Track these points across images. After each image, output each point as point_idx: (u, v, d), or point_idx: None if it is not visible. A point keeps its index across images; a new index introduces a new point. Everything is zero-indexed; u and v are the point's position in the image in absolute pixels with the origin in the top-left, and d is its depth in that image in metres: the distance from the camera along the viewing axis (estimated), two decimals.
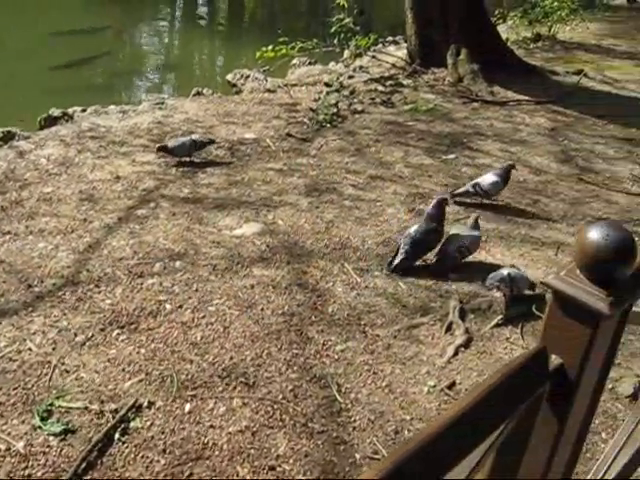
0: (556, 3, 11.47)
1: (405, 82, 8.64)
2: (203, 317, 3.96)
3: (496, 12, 11.73)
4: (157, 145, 6.10)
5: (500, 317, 4.13)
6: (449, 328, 4.00)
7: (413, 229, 4.60)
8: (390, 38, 11.93)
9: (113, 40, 13.31)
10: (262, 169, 6.04)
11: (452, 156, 6.57)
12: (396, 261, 4.52)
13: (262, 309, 4.05)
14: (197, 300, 4.11)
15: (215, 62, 13.80)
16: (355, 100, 7.94)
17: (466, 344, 3.88)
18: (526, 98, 8.32)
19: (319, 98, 7.79)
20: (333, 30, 8.77)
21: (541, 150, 6.89)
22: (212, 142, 6.28)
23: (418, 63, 9.06)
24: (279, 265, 4.50)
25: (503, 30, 11.69)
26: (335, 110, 7.49)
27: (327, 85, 7.86)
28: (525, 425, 1.37)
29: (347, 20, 8.64)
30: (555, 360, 1.36)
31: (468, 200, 5.58)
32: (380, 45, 10.99)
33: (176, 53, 14.30)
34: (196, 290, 4.20)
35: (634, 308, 1.58)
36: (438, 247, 4.66)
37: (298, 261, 4.57)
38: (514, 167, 5.58)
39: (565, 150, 6.95)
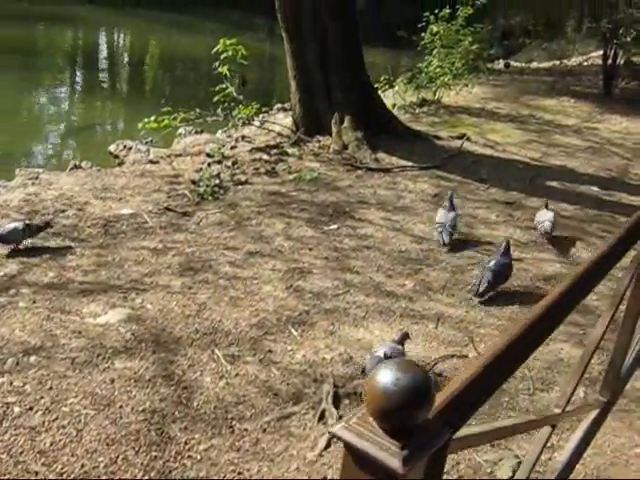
0: (439, 69, 11.76)
1: (290, 151, 8.58)
2: (55, 420, 3.64)
3: (382, 78, 11.92)
4: None
5: None
6: (322, 417, 3.81)
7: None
8: (279, 105, 11.95)
9: None
10: (136, 247, 5.78)
11: (334, 227, 6.49)
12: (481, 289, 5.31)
13: (121, 407, 3.76)
14: (50, 400, 3.78)
15: (104, 132, 13.47)
16: (238, 170, 7.80)
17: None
18: (410, 164, 8.39)
19: (202, 169, 7.62)
20: (216, 99, 8.66)
21: (424, 217, 6.89)
22: (48, 225, 5.83)
23: (303, 131, 9.04)
24: (144, 355, 4.23)
25: (390, 96, 11.91)
26: (217, 182, 7.33)
27: (209, 156, 7.70)
28: None
29: (229, 89, 8.55)
30: None
31: None
32: (268, 113, 10.97)
33: (62, 122, 13.89)
34: (50, 388, 3.88)
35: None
36: None
37: (165, 350, 4.30)
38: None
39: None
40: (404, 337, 4.33)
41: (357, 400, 3.97)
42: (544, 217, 6.66)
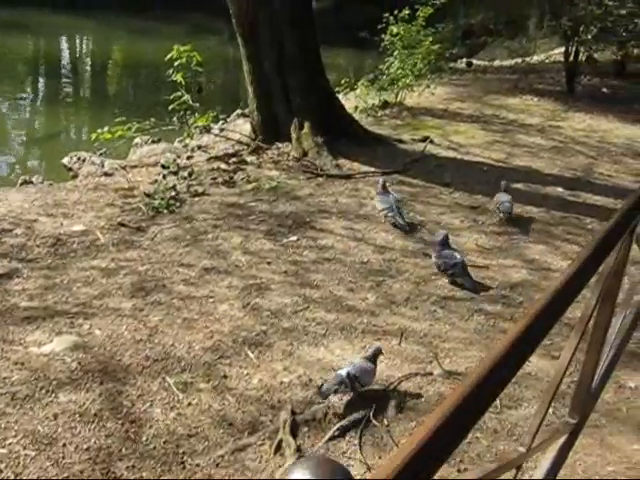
0: (400, 71, 11.62)
1: (249, 159, 8.38)
2: None
3: (343, 81, 11.76)
4: None
5: (336, 428, 3.77)
6: (279, 447, 3.61)
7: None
8: (239, 111, 11.72)
9: None
10: (86, 267, 5.53)
11: (294, 238, 6.29)
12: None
13: (64, 445, 3.53)
14: None
15: (60, 143, 13.12)
16: (195, 181, 7.57)
17: None
18: (372, 169, 8.22)
19: (157, 181, 7.38)
20: (171, 108, 8.42)
21: (386, 225, 6.72)
22: None
23: (262, 139, 8.84)
24: (90, 387, 3.99)
25: (351, 99, 11.75)
26: (173, 194, 7.10)
27: (164, 167, 7.47)
28: None
29: (185, 97, 8.31)
30: None
31: None
32: (226, 120, 10.75)
33: (17, 134, 13.53)
34: None
35: None
36: None
37: (112, 380, 4.07)
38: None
39: (409, 223, 6.80)
40: (376, 353, 4.16)
41: (316, 427, 3.78)
42: (503, 198, 7.02)
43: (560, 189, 8.23)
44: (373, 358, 4.12)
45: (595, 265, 2.44)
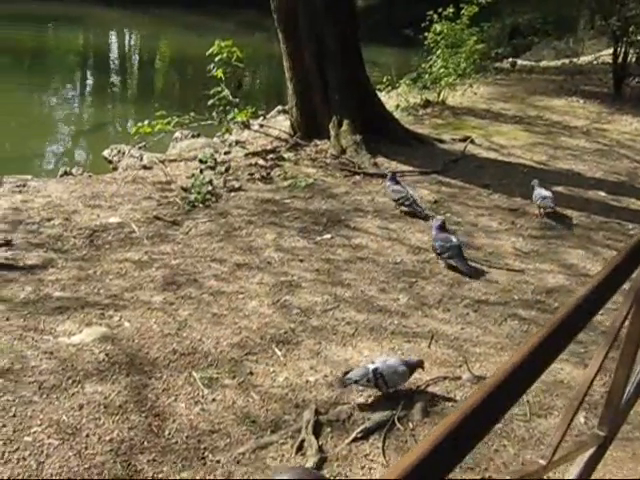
0: (443, 69, 11.49)
1: (286, 155, 8.35)
2: (16, 450, 3.43)
3: (384, 79, 11.67)
4: None
5: (359, 430, 3.72)
6: (300, 447, 3.57)
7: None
8: (280, 107, 11.71)
9: None
10: (119, 260, 5.56)
11: (328, 236, 6.26)
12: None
13: (87, 436, 3.54)
14: (13, 428, 3.56)
15: (103, 135, 13.26)
16: (232, 177, 7.59)
17: (318, 466, 3.45)
18: (410, 169, 8.14)
19: (194, 175, 7.40)
20: (210, 103, 8.43)
21: (422, 225, 6.65)
22: (8, 244, 5.52)
23: (300, 135, 8.82)
24: (116, 379, 4.01)
25: (393, 97, 11.67)
26: (209, 188, 7.12)
27: (201, 162, 7.48)
28: None
29: (224, 93, 8.32)
30: None
31: None
32: (265, 117, 10.75)
33: (63, 125, 13.72)
34: (14, 415, 3.66)
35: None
36: None
37: (139, 372, 4.08)
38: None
39: (447, 224, 6.70)
40: (418, 364, 4.10)
41: (339, 428, 3.74)
42: (545, 193, 7.06)
43: (602, 193, 8.05)
44: (411, 365, 4.06)
45: (628, 271, 2.36)
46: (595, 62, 14.94)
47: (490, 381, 1.48)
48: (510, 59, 16.66)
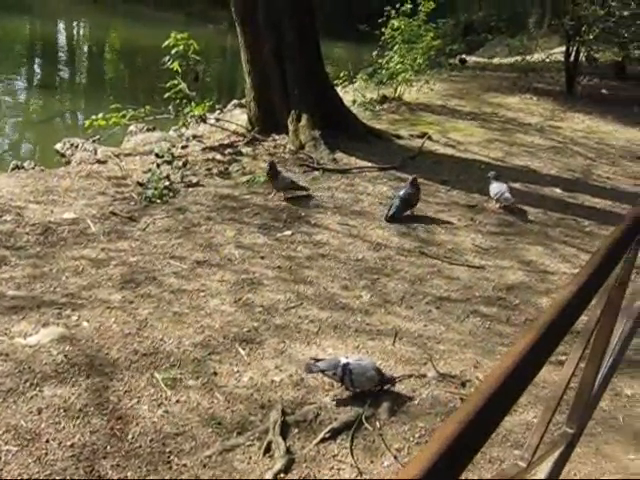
0: (400, 65, 11.51)
1: (244, 150, 8.27)
2: None
3: (341, 74, 11.64)
4: None
5: (327, 430, 3.68)
6: (268, 449, 3.52)
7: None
8: (236, 101, 11.61)
9: None
10: (75, 257, 5.42)
11: (288, 233, 6.20)
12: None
13: (47, 441, 3.43)
14: None
15: (55, 128, 12.94)
16: (189, 172, 7.48)
17: (286, 468, 3.40)
18: (369, 165, 8.14)
19: (150, 170, 7.26)
20: (166, 96, 8.30)
21: (382, 221, 6.63)
22: None
23: (258, 130, 8.74)
24: (76, 381, 3.89)
25: (350, 92, 11.65)
26: (167, 183, 7.00)
27: (158, 156, 7.35)
28: None
29: (181, 86, 8.19)
30: None
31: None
32: (222, 110, 10.63)
33: (11, 117, 13.35)
34: None
35: None
36: None
37: (99, 374, 3.97)
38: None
39: (406, 221, 6.72)
40: (389, 381, 4.10)
41: (307, 429, 3.70)
42: (501, 188, 7.24)
43: (558, 190, 8.16)
44: (383, 377, 4.05)
45: (602, 276, 2.36)
46: (547, 60, 15.16)
47: (482, 387, 1.45)
48: (457, 56, 16.78)
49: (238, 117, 10.25)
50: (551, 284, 5.77)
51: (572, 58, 13.70)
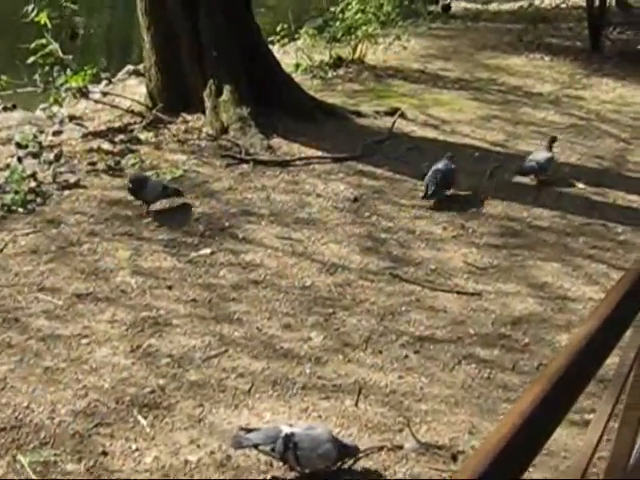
0: (360, 15, 11.63)
1: (143, 136, 8.29)
2: None
3: (278, 28, 11.72)
4: None
5: None
6: None
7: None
8: (131, 67, 11.59)
9: None
10: None
11: (207, 251, 6.26)
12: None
13: None
14: None
15: None
16: (65, 168, 7.48)
17: None
18: (319, 154, 8.22)
19: (9, 166, 7.23)
20: (31, 61, 8.27)
21: (338, 234, 6.72)
22: None
23: (162, 108, 8.74)
24: None
25: (290, 53, 11.73)
26: (33, 185, 7.01)
27: (19, 146, 7.33)
28: None
29: (52, 47, 8.18)
30: None
31: None
32: (111, 80, 10.62)
33: None
34: None
35: None
36: None
37: None
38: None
39: (373, 232, 6.80)
40: (353, 452, 4.16)
41: None
42: (541, 155, 8.19)
43: (581, 185, 8.31)
44: (343, 449, 4.08)
45: (636, 303, 2.43)
46: (564, 5, 15.48)
47: (471, 463, 1.49)
48: (440, 1, 17.01)
49: (134, 90, 10.25)
50: (573, 314, 5.88)
51: (597, 2, 13.98)
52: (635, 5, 14.70)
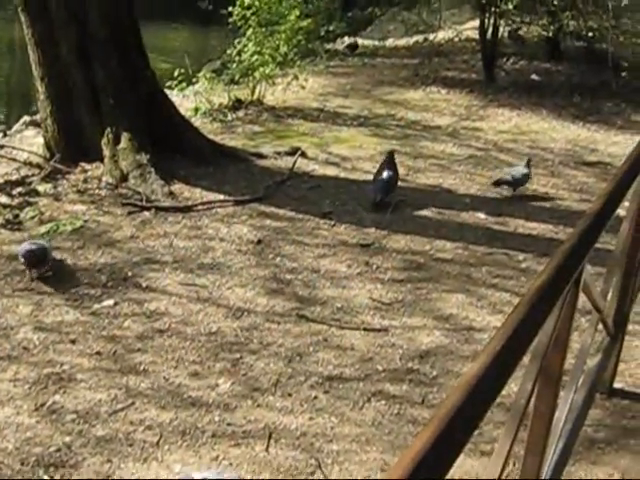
0: (257, 56, 11.67)
1: (41, 188, 8.19)
2: None
3: (176, 72, 11.71)
4: None
5: None
6: None
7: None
8: (27, 118, 11.45)
9: None
10: None
11: (110, 302, 6.20)
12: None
13: None
14: None
15: None
16: None
17: None
18: (221, 197, 8.21)
19: None
20: None
21: (243, 277, 6.71)
22: None
23: (60, 158, 8.64)
24: None
25: (189, 97, 11.72)
26: None
27: None
28: None
29: None
30: None
31: None
32: (6, 133, 10.48)
33: None
34: None
35: None
36: None
37: None
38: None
39: (278, 273, 6.80)
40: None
41: None
42: (518, 170, 9.04)
43: (482, 215, 8.43)
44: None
45: (529, 333, 2.45)
46: (457, 39, 15.72)
47: None
48: (346, 39, 17.18)
49: (31, 141, 10.11)
50: (479, 344, 5.94)
51: (490, 35, 14.22)
52: (526, 36, 14.99)
